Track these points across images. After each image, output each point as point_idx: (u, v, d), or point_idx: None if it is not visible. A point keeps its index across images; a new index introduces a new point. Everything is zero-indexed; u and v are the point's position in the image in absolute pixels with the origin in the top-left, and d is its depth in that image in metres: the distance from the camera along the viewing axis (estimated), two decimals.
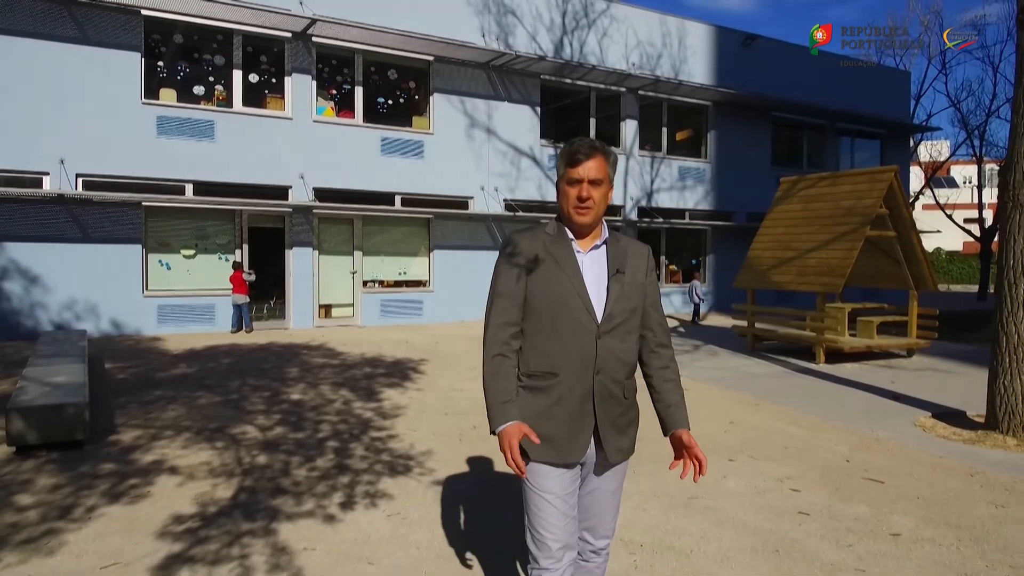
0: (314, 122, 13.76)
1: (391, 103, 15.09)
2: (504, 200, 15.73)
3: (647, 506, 4.24)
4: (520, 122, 15.97)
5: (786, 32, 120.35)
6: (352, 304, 14.36)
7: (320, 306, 13.99)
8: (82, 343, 8.45)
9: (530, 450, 2.15)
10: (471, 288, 14.87)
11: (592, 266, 2.24)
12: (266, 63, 13.65)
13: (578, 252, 2.24)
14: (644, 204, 17.81)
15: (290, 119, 13.54)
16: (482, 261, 15.33)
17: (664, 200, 18.16)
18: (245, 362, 9.39)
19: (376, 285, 14.63)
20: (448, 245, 15.23)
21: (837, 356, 10.54)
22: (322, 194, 13.81)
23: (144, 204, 12.12)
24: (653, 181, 17.98)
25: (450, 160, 15.06)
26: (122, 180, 12.11)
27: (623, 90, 17.27)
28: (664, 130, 18.32)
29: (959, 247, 42.92)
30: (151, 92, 12.46)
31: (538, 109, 16.21)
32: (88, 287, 11.82)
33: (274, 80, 13.67)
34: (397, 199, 14.66)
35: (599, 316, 2.18)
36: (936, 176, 35.63)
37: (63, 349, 7.86)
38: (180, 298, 12.69)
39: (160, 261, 12.63)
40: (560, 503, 2.19)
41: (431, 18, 14.51)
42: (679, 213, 18.50)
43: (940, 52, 26.78)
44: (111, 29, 11.96)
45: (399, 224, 14.90)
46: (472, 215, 15.27)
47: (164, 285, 12.61)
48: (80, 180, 11.82)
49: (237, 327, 12.71)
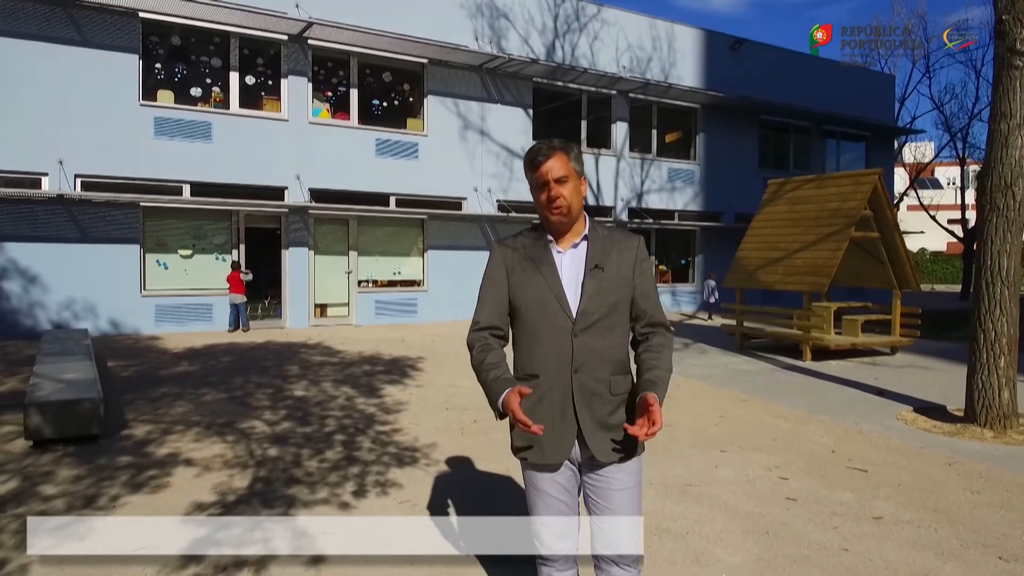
0: (310, 124, 13.93)
1: (386, 105, 15.28)
2: (497, 201, 15.95)
3: (644, 493, 4.45)
4: (513, 124, 16.20)
5: (776, 33, 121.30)
6: (347, 303, 14.54)
7: (316, 305, 14.16)
8: (86, 341, 8.58)
9: (516, 452, 2.26)
10: (464, 288, 15.07)
11: (572, 264, 2.23)
12: (262, 65, 13.80)
13: (558, 252, 2.24)
14: (634, 205, 18.09)
15: (286, 121, 13.70)
16: (475, 261, 15.52)
17: (654, 201, 18.45)
18: (245, 360, 9.56)
19: (371, 285, 14.81)
20: (442, 245, 15.43)
21: (823, 353, 10.82)
22: (318, 195, 13.98)
23: (142, 204, 12.25)
24: (643, 182, 18.26)
25: (444, 161, 15.27)
26: (120, 181, 12.24)
27: (614, 93, 17.54)
28: (654, 132, 18.61)
29: (943, 247, 43.53)
30: (149, 94, 12.59)
31: (530, 111, 16.45)
32: (86, 286, 11.93)
33: (270, 82, 13.83)
34: (392, 200, 14.85)
35: (574, 314, 2.18)
36: (921, 177, 36.16)
37: (68, 347, 8.00)
38: (178, 297, 12.82)
39: (158, 261, 12.75)
40: (552, 500, 2.24)
41: (425, 21, 14.72)
42: (668, 214, 18.81)
43: (924, 56, 27.27)
44: (109, 32, 12.08)
45: (393, 224, 15.09)
46: (465, 216, 15.49)
47: (162, 285, 12.74)
48: (79, 181, 11.93)
49: (234, 326, 12.85)
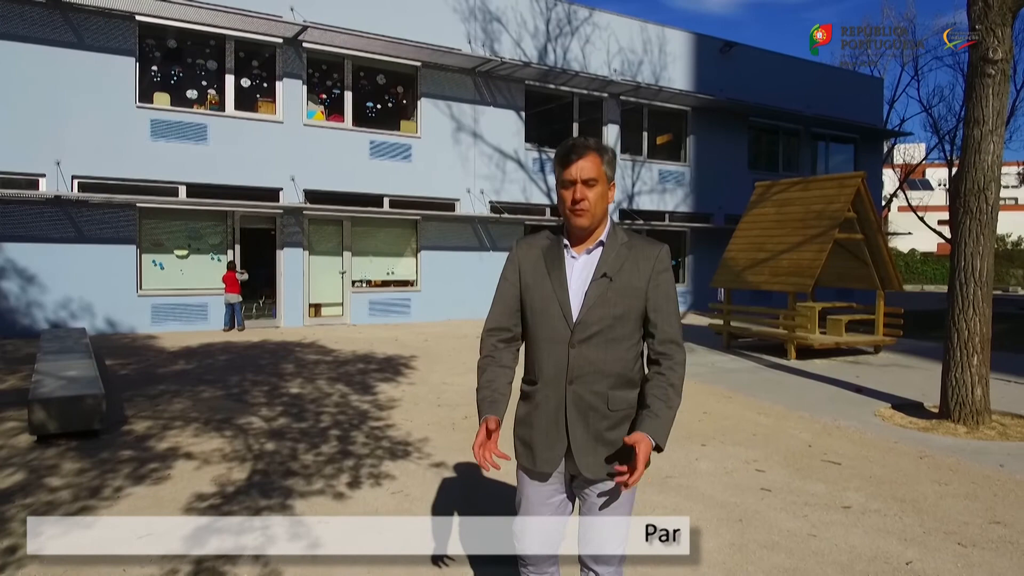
0: (304, 126, 14.09)
1: (380, 107, 15.46)
2: (490, 202, 16.14)
3: None
4: (505, 126, 16.40)
5: (768, 34, 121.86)
6: (341, 303, 14.70)
7: (310, 305, 14.32)
8: (85, 340, 8.75)
9: (514, 453, 2.23)
10: (457, 288, 15.32)
11: (582, 271, 2.14)
12: (258, 68, 13.96)
13: (571, 257, 2.16)
14: (625, 206, 18.31)
15: (281, 123, 13.86)
16: (468, 262, 15.76)
17: (645, 203, 18.69)
18: (241, 359, 9.73)
19: (365, 285, 14.98)
20: (435, 246, 15.62)
21: (808, 352, 11.05)
22: (312, 196, 14.14)
23: (138, 205, 12.39)
24: (634, 184, 18.49)
25: (437, 163, 15.45)
26: (117, 182, 12.38)
27: (605, 95, 17.76)
28: (645, 134, 18.84)
29: (933, 248, 43.92)
30: (145, 96, 12.73)
31: (522, 114, 16.65)
32: (83, 286, 12.07)
33: (265, 85, 13.99)
34: (385, 201, 15.02)
35: (573, 323, 2.10)
36: (912, 179, 36.49)
37: (68, 346, 8.16)
38: (174, 297, 12.96)
39: (154, 261, 12.90)
40: (535, 509, 2.21)
41: (419, 25, 14.90)
42: (659, 215, 19.05)
43: (913, 58, 27.57)
44: (106, 34, 12.22)
45: (387, 225, 15.27)
46: (458, 217, 15.67)
47: (158, 285, 12.88)
48: (76, 182, 12.07)
49: (229, 325, 13.01)
